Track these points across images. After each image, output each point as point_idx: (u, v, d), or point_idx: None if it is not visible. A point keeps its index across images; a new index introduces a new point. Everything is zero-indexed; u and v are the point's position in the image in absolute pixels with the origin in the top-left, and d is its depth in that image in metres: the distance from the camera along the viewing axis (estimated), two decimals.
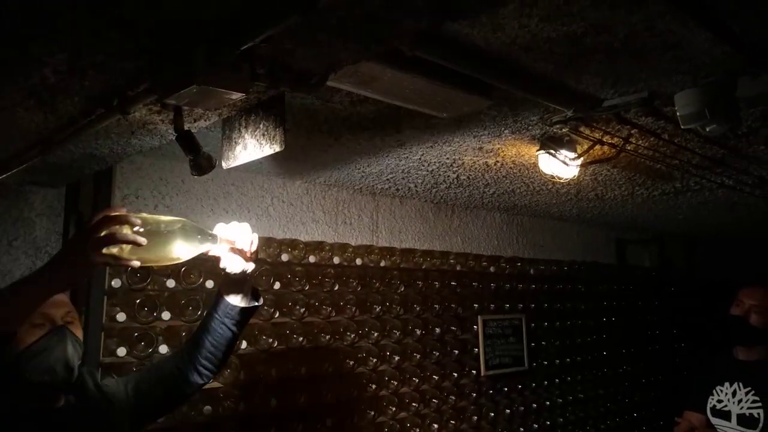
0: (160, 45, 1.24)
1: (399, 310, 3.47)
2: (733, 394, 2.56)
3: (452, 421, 3.64)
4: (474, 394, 3.81)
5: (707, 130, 1.95)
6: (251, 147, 1.62)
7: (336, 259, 3.22)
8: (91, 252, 1.17)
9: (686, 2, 1.44)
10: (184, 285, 2.66)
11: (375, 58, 1.52)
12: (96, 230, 1.19)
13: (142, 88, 1.39)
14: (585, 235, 5.15)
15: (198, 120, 1.69)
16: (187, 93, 1.24)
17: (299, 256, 3.10)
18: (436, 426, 3.53)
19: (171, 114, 1.59)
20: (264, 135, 1.57)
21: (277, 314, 2.95)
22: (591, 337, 4.76)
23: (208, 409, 2.64)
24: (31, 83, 1.39)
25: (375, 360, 3.27)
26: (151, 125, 1.73)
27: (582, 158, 2.58)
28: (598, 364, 4.79)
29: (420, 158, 2.84)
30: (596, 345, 4.80)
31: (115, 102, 1.46)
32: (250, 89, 1.32)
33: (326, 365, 3.07)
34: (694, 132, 2.42)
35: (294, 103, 1.95)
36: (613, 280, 5.08)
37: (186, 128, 1.59)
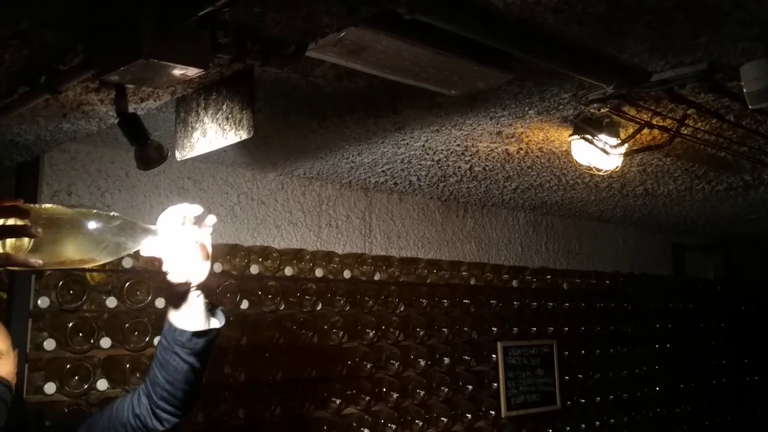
0: (93, 6, 1.27)
1: (398, 336, 3.50)
2: None
3: None
4: None
5: None
6: (212, 133, 1.65)
7: (319, 272, 3.25)
8: None
9: None
10: (128, 304, 2.69)
11: (365, 22, 1.55)
12: None
13: (77, 61, 1.42)
14: (632, 240, 5.18)
15: (146, 100, 1.72)
16: (131, 68, 1.27)
17: (273, 267, 3.13)
18: None
19: (112, 93, 1.62)
20: (228, 119, 1.60)
21: (244, 340, 2.97)
22: (640, 369, 4.79)
23: None
24: None
25: (368, 398, 3.30)
26: (87, 106, 1.76)
27: (626, 145, 2.61)
28: (649, 402, 4.82)
29: (423, 145, 2.87)
30: (647, 378, 4.83)
31: (43, 79, 1.48)
32: (210, 63, 1.35)
33: (307, 405, 3.10)
34: (765, 113, 2.45)
35: (266, 77, 1.97)
36: (668, 295, 5.11)
37: (131, 110, 1.62)
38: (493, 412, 3.87)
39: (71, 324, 2.56)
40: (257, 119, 1.69)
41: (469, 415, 3.74)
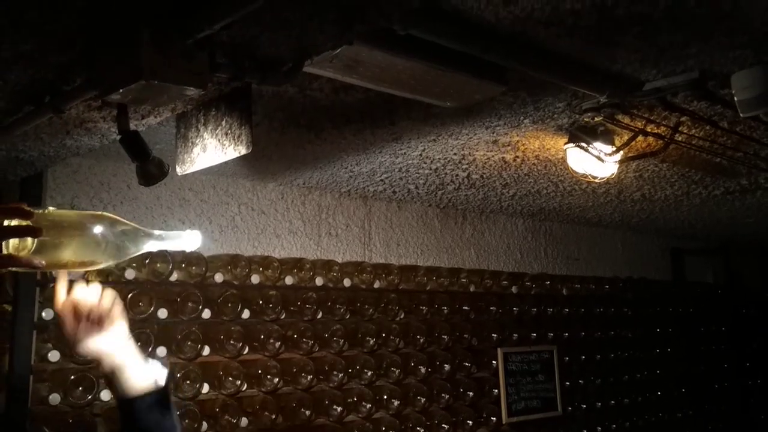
0: (95, 28, 1.30)
1: (398, 343, 3.53)
2: None
3: None
4: None
5: None
6: (212, 149, 1.68)
7: (319, 280, 3.29)
8: None
9: None
10: (131, 314, 2.72)
11: (360, 39, 1.59)
12: None
13: (79, 81, 1.46)
14: (631, 244, 5.20)
15: (146, 117, 1.76)
16: (132, 89, 1.31)
17: (273, 276, 3.17)
18: None
19: (113, 111, 1.66)
20: (227, 134, 1.64)
21: (246, 350, 3.00)
22: (641, 374, 4.81)
23: None
24: None
25: (369, 406, 3.33)
26: (89, 124, 1.80)
27: (621, 152, 2.64)
28: (650, 407, 4.83)
29: (421, 154, 2.91)
30: (648, 383, 4.84)
31: (47, 98, 1.52)
32: (209, 83, 1.39)
33: (308, 413, 3.12)
34: (758, 119, 2.48)
35: (264, 92, 2.01)
36: (668, 300, 5.13)
37: (132, 128, 1.65)
38: (494, 419, 3.89)
39: None
40: (256, 132, 1.74)
41: (470, 422, 3.76)
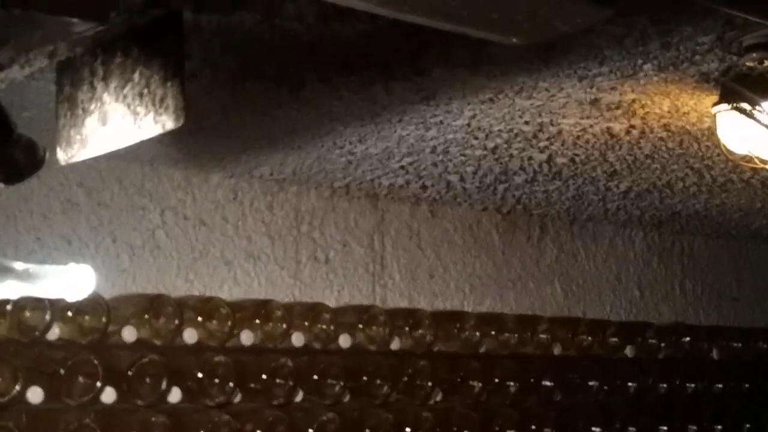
0: None
1: None
2: None
3: None
4: None
5: None
6: (117, 119, 1.68)
7: (298, 338, 3.28)
8: None
9: None
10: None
11: None
12: None
13: None
14: None
15: (7, 67, 1.77)
16: None
17: (221, 332, 3.16)
18: None
19: None
20: (142, 95, 1.64)
21: None
22: None
23: None
24: None
25: None
26: None
27: None
28: None
29: (468, 124, 2.91)
30: None
31: None
32: (111, 12, 1.39)
33: None
34: None
35: (205, 23, 2.01)
36: None
37: None
38: None
39: None
40: (192, 90, 1.72)
41: None
